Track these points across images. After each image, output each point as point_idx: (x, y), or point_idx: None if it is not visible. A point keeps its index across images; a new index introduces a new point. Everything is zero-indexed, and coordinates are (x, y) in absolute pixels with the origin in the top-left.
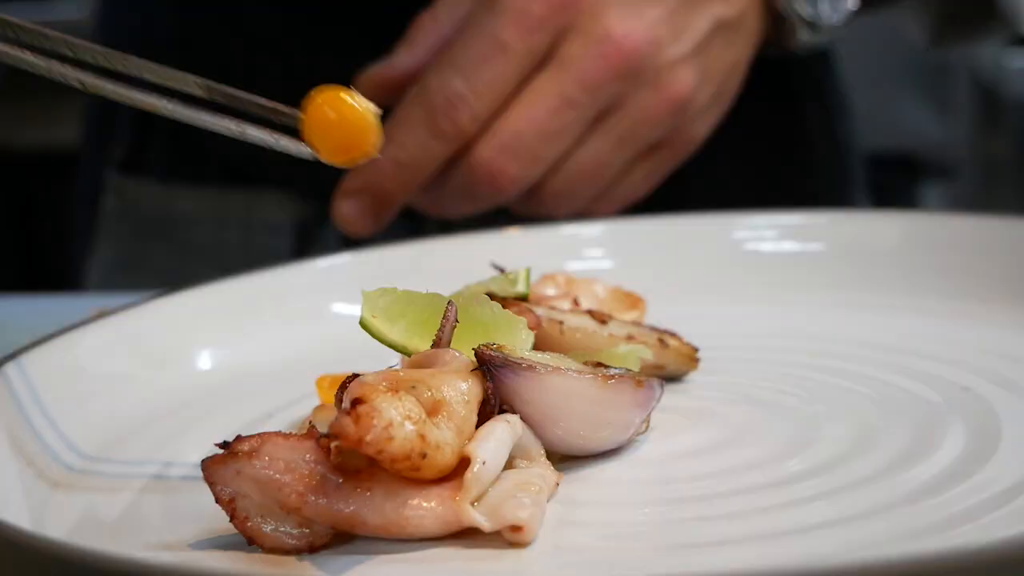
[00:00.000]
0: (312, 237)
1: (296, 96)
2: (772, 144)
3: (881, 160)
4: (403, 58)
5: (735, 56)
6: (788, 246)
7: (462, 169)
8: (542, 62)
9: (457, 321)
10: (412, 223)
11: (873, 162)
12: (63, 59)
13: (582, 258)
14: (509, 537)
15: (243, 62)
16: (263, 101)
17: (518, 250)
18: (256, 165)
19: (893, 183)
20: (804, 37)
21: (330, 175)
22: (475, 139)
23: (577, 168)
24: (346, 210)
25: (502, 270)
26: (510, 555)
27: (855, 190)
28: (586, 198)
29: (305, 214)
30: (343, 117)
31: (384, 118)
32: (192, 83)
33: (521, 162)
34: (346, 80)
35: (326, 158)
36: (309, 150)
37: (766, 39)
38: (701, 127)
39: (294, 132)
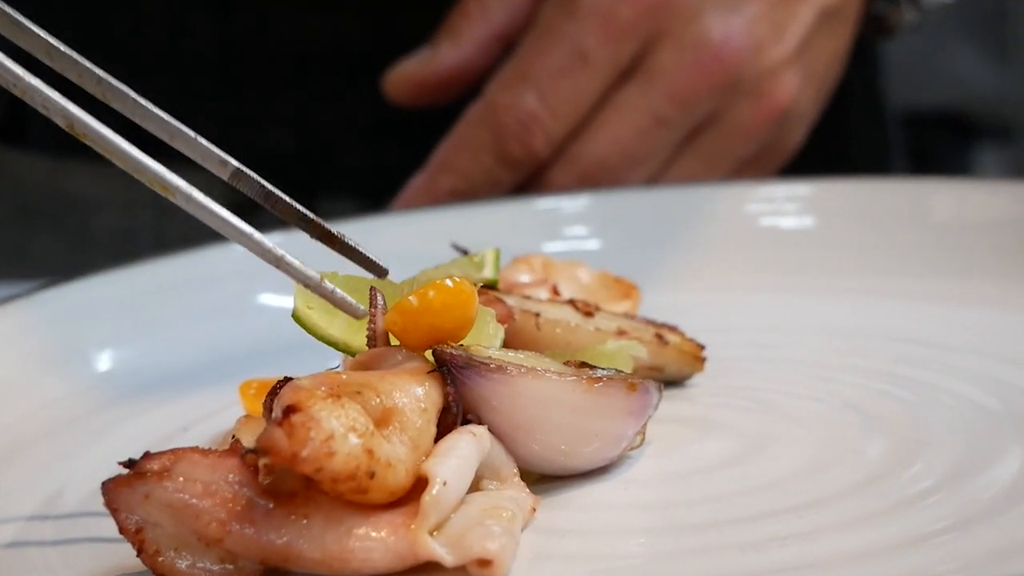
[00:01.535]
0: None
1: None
2: None
3: (925, 119)
4: (448, 53)
5: (837, 46)
6: (811, 221)
7: (528, 185)
8: (627, 73)
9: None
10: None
11: (915, 121)
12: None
13: (562, 237)
14: (475, 573)
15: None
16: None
17: (484, 227)
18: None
19: (940, 146)
20: (910, 17)
21: (270, 142)
22: (549, 163)
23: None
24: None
25: (465, 251)
26: None
27: (893, 155)
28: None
29: (237, 195)
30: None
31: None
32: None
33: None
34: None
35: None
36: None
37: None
38: (799, 134)
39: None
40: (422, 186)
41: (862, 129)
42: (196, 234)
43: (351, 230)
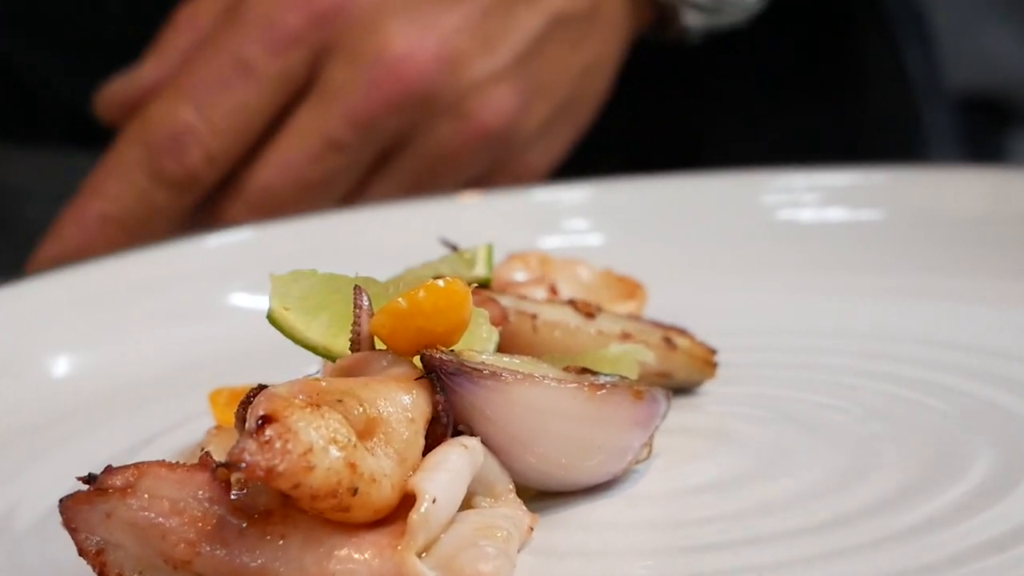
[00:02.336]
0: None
1: None
2: (817, 85)
3: (959, 103)
4: (153, 68)
5: (587, 58)
6: (835, 213)
7: (202, 220)
8: (303, 89)
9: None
10: None
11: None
12: None
13: (561, 231)
14: None
15: None
16: None
17: (476, 221)
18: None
19: (976, 131)
20: (693, 22)
21: None
22: (220, 191)
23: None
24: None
25: (455, 248)
26: None
27: (938, 144)
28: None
29: None
30: None
31: None
32: None
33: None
34: None
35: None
36: None
37: (647, 24)
38: (541, 156)
39: None
40: (71, 214)
41: (891, 114)
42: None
43: (328, 226)
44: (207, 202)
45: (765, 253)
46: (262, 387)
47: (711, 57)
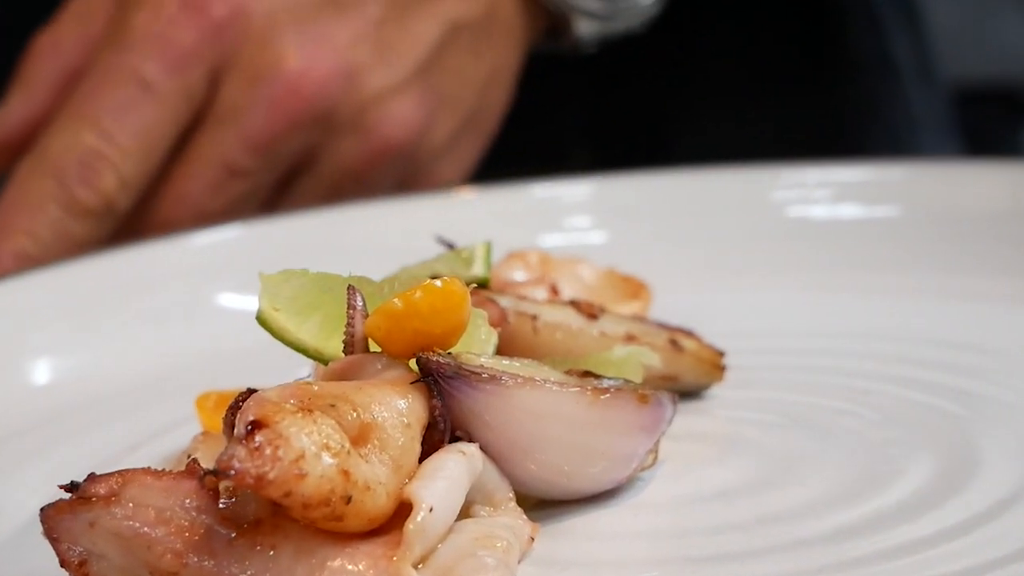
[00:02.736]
0: None
1: None
2: (802, 72)
3: (970, 95)
4: (18, 104)
5: (488, 67)
6: (849, 210)
7: None
8: (202, 108)
9: (367, 312)
10: None
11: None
12: None
13: (562, 229)
14: None
15: None
16: None
17: (474, 218)
18: None
19: (988, 123)
20: (586, 30)
21: None
22: (124, 225)
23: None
24: None
25: (452, 246)
26: None
27: (937, 137)
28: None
29: None
30: None
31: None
32: None
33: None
34: None
35: None
36: None
37: (541, 32)
38: (448, 167)
39: None
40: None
41: (881, 105)
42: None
43: (320, 223)
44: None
45: (776, 251)
46: (251, 391)
47: (693, 45)
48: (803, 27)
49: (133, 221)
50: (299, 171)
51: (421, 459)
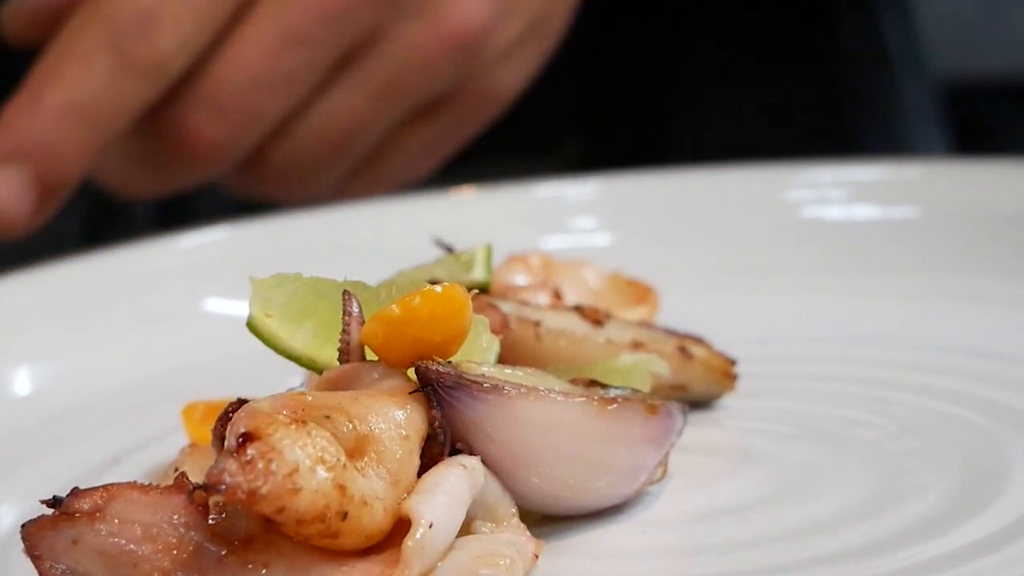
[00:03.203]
0: (111, 212)
1: None
2: (792, 61)
3: (983, 89)
4: None
5: None
6: (865, 211)
7: (152, 125)
8: None
9: (363, 319)
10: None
11: (972, 92)
12: None
13: (566, 231)
14: None
15: None
16: None
17: (474, 220)
18: None
19: (999, 119)
20: None
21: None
22: (176, 92)
23: (316, 131)
24: None
25: (450, 248)
26: None
27: (926, 131)
28: (333, 174)
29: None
30: None
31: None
32: None
33: (228, 122)
34: None
35: None
36: None
37: None
38: (508, 76)
39: None
40: (22, 104)
41: (873, 98)
42: (60, 230)
43: (313, 224)
44: (162, 107)
45: (789, 254)
46: (242, 401)
47: (685, 34)
48: (795, 16)
49: (181, 89)
50: (360, 52)
51: (420, 473)
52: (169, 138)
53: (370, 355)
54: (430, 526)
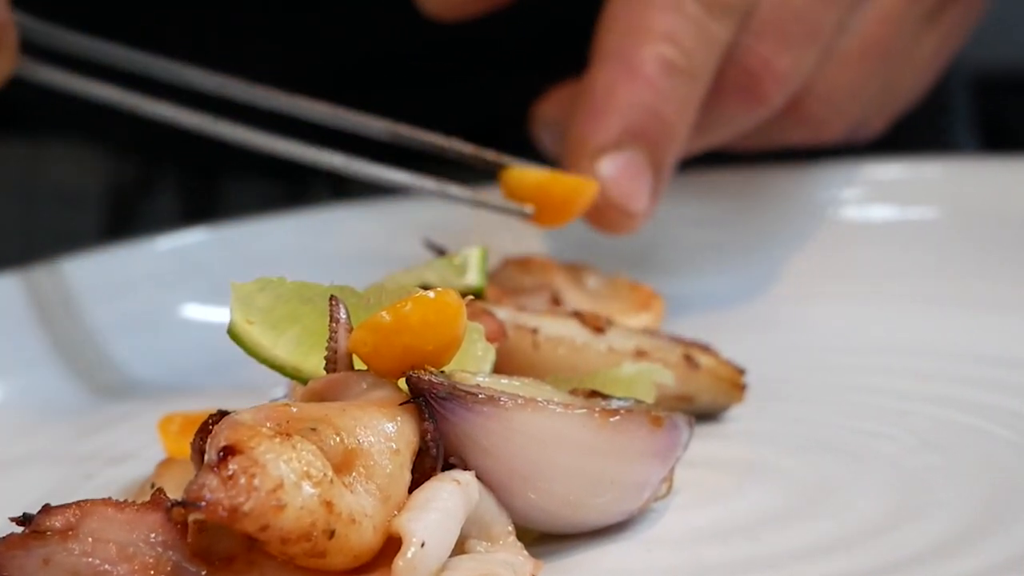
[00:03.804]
0: (133, 211)
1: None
2: None
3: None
4: None
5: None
6: (882, 211)
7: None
8: None
9: (351, 326)
10: (293, 180)
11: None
12: None
13: (566, 231)
14: None
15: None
16: (467, 148)
17: (465, 219)
18: (43, 102)
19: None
20: None
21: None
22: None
23: (857, 44)
24: (608, 171)
25: (442, 251)
26: None
27: (955, 127)
28: (866, 95)
29: (123, 176)
30: None
31: None
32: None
33: (793, 47)
34: None
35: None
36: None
37: None
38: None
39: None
40: (614, 71)
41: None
42: (78, 227)
43: (296, 226)
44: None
45: (802, 257)
46: (222, 413)
47: None
48: None
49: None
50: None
51: (411, 488)
52: (734, 80)
53: (358, 364)
54: (422, 545)
